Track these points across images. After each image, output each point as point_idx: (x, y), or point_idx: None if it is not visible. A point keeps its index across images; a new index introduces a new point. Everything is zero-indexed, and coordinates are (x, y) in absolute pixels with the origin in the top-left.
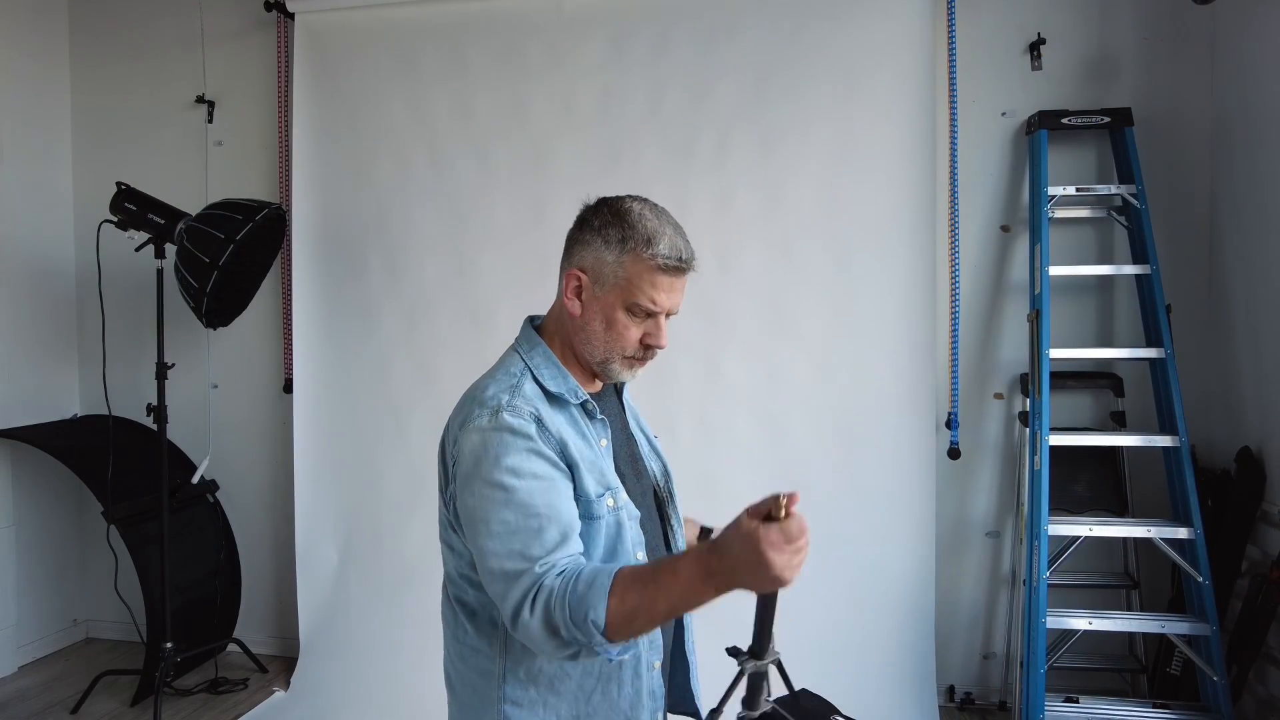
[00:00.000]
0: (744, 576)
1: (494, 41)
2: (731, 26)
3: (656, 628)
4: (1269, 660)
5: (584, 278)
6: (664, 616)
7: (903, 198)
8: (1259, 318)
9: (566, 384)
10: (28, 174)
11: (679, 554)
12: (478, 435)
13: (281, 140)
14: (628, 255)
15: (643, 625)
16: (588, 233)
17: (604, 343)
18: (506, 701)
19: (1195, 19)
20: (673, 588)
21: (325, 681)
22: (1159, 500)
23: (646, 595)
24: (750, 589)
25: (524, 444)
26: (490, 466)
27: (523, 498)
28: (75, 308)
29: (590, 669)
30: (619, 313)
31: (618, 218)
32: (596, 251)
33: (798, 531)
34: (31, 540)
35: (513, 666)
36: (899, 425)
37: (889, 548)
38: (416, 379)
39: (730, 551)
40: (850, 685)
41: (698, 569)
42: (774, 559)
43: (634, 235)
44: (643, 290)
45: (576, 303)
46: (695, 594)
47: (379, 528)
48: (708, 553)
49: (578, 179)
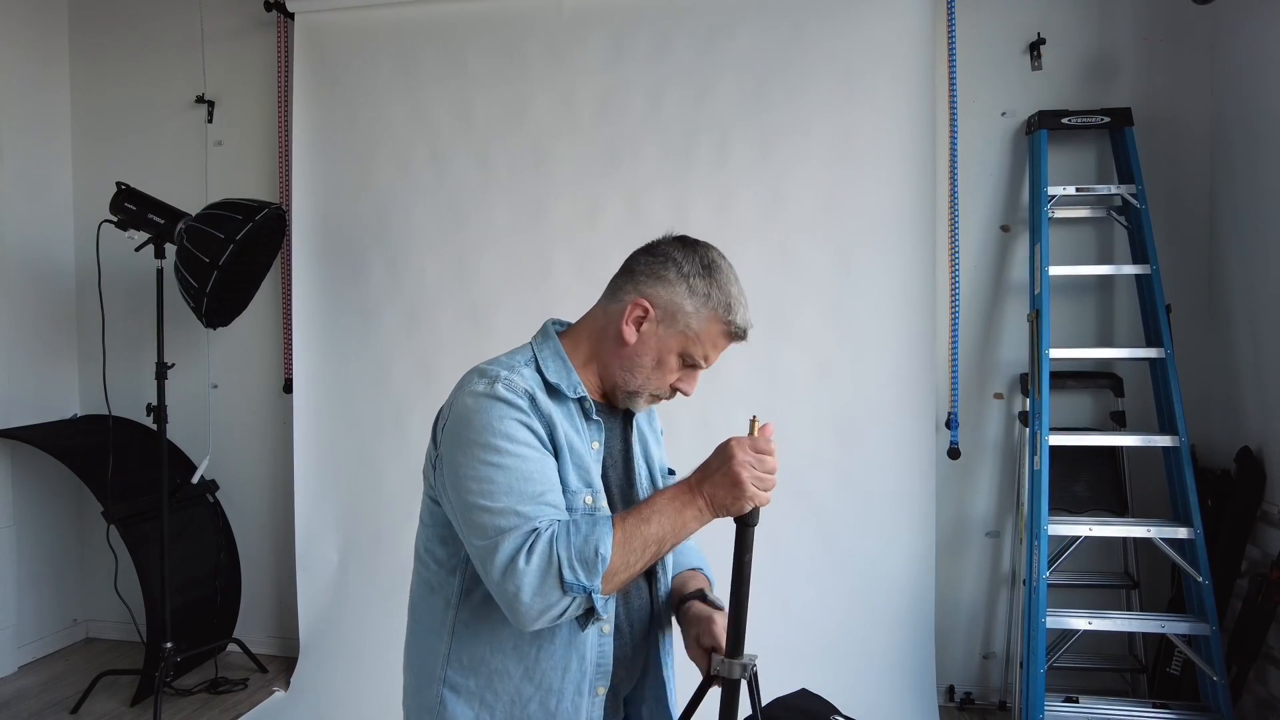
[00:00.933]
0: (720, 490)
1: (494, 41)
2: (731, 26)
3: (645, 567)
4: (1269, 660)
5: (651, 311)
6: (656, 544)
7: (903, 198)
8: (1259, 318)
9: (568, 379)
10: (28, 174)
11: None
12: (472, 399)
13: (281, 140)
14: (706, 311)
15: (637, 558)
16: (672, 271)
17: (646, 378)
18: (446, 685)
19: (1195, 19)
20: (665, 509)
21: (325, 681)
22: (1159, 500)
23: (643, 520)
24: (727, 506)
25: (516, 414)
26: (483, 429)
27: (514, 463)
28: (75, 308)
29: (532, 674)
30: (672, 357)
31: (708, 271)
32: (675, 294)
33: (765, 445)
34: (31, 540)
35: (456, 650)
36: (899, 425)
37: (889, 548)
38: (416, 379)
39: (709, 466)
40: (850, 685)
41: (682, 486)
42: (742, 467)
43: (718, 295)
44: (703, 347)
45: (634, 332)
46: (683, 513)
47: (379, 528)
48: (692, 473)
49: (578, 179)
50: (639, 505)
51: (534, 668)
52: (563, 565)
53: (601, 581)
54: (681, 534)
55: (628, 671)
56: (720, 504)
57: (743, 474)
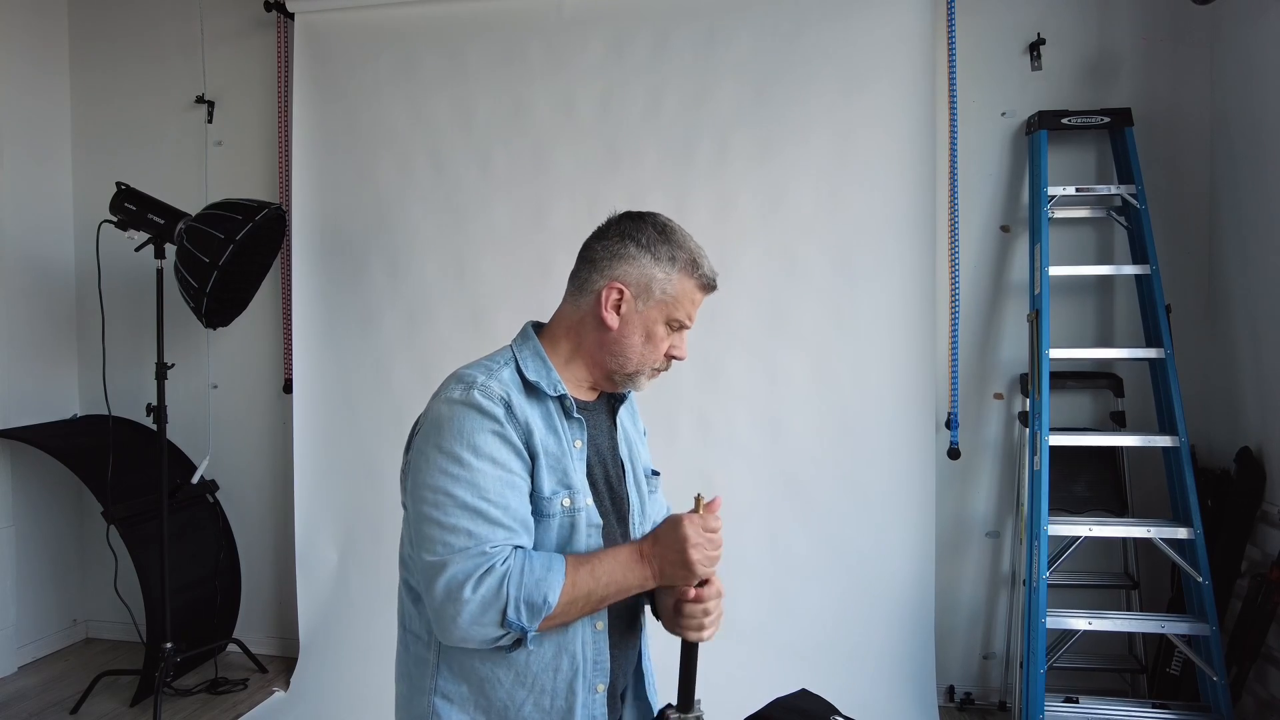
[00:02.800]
0: (670, 567)
1: (493, 42)
2: (731, 28)
3: (582, 616)
4: (1269, 660)
5: (626, 291)
6: (601, 600)
7: (903, 198)
8: (1259, 318)
9: (548, 377)
10: (28, 174)
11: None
12: (446, 406)
13: (281, 140)
14: (677, 273)
15: (578, 610)
16: (631, 247)
17: (640, 355)
18: (438, 694)
19: (1195, 19)
20: (614, 569)
21: (325, 681)
22: (1159, 500)
23: (593, 577)
24: (673, 576)
25: (489, 425)
26: (451, 438)
27: (477, 479)
28: (75, 308)
29: (524, 679)
30: (659, 327)
31: (665, 237)
32: (643, 268)
33: (713, 523)
34: (31, 540)
35: (446, 658)
36: (899, 425)
37: (889, 548)
38: (416, 380)
39: (660, 537)
40: (850, 685)
41: (634, 551)
42: (695, 549)
43: (682, 255)
44: (684, 306)
45: (615, 316)
46: (629, 577)
47: (379, 528)
48: (644, 539)
49: (578, 181)
50: (592, 558)
51: (525, 672)
52: (509, 604)
53: (539, 626)
54: (623, 595)
55: (621, 667)
56: (668, 578)
57: (693, 555)
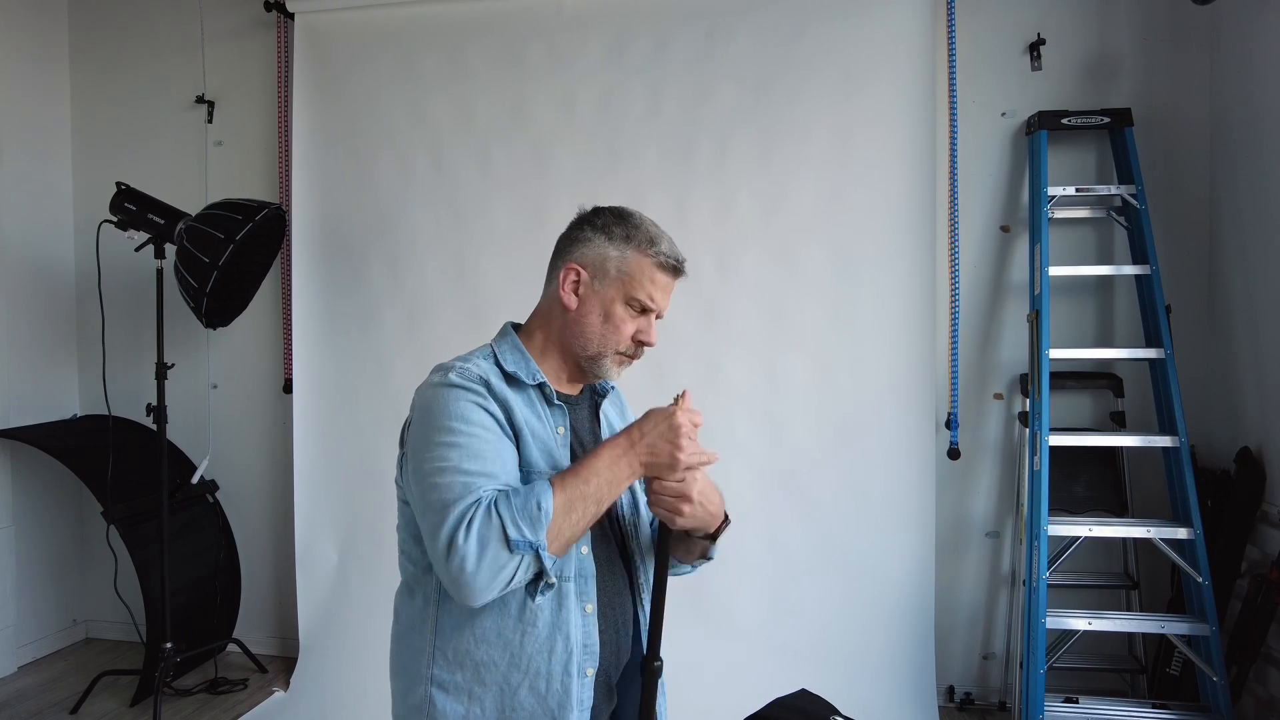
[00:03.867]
0: (658, 441)
1: (494, 42)
2: (731, 28)
3: (587, 526)
4: (1269, 660)
5: (583, 273)
6: (598, 500)
7: (903, 198)
8: (1259, 318)
9: (526, 367)
10: (28, 174)
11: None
12: (430, 391)
13: (281, 140)
14: (631, 251)
15: (579, 517)
16: (588, 231)
17: (600, 336)
18: (434, 684)
19: (1195, 19)
20: (600, 466)
21: (325, 681)
22: (1159, 500)
23: (579, 478)
24: (659, 467)
25: (473, 398)
26: (439, 415)
27: (467, 441)
28: (75, 308)
29: (519, 661)
30: (618, 306)
31: (620, 219)
32: (598, 248)
33: (698, 417)
34: (31, 540)
35: (441, 646)
36: (899, 425)
37: (889, 548)
38: (416, 379)
39: (644, 424)
40: (850, 685)
41: (619, 444)
42: (684, 434)
43: (638, 234)
44: (643, 285)
45: (573, 297)
46: (620, 469)
47: (379, 528)
48: (630, 429)
49: (578, 181)
50: (575, 466)
51: (519, 654)
52: (506, 525)
53: (547, 538)
54: (616, 492)
55: (614, 655)
56: (655, 468)
57: (684, 445)
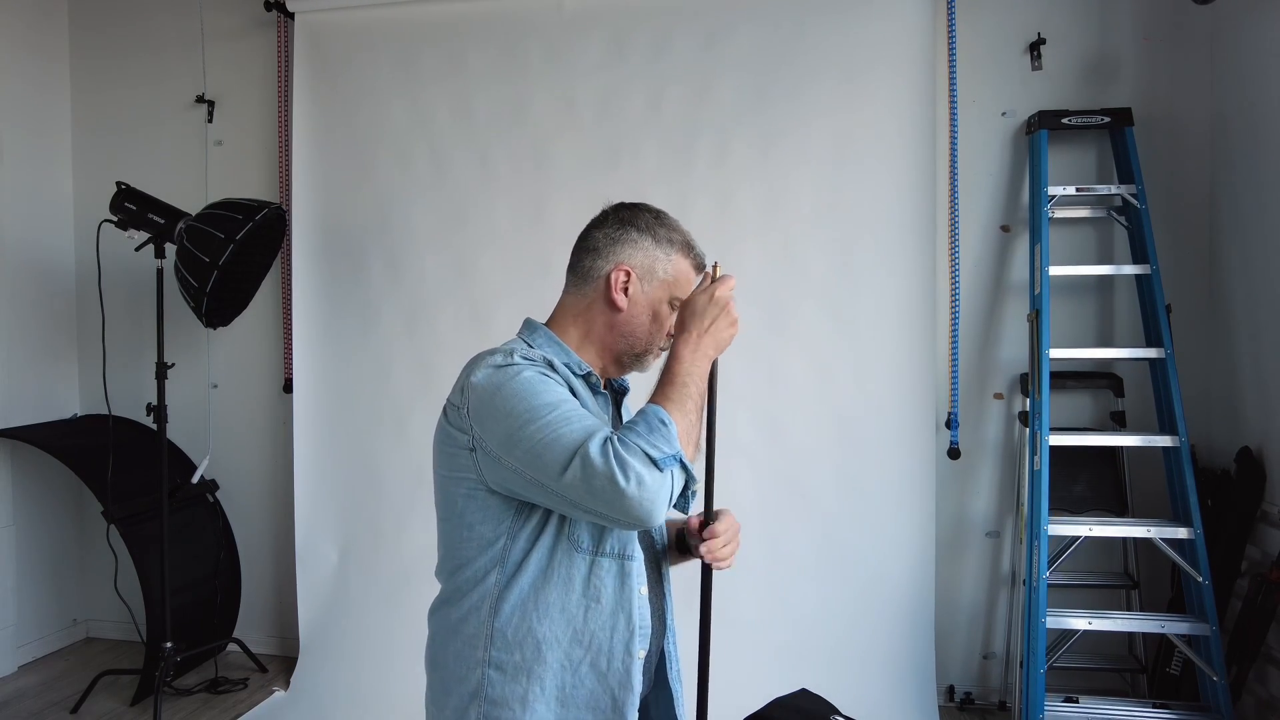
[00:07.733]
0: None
1: (494, 41)
2: (731, 26)
3: (699, 422)
4: (1269, 660)
5: (634, 274)
6: (695, 399)
7: (903, 198)
8: (1259, 318)
9: (570, 358)
10: (28, 174)
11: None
12: (494, 371)
13: (281, 140)
14: (675, 254)
15: (694, 417)
16: (633, 233)
17: (648, 335)
18: (491, 665)
19: (1195, 19)
20: (684, 365)
21: (325, 681)
22: (1159, 500)
23: (676, 384)
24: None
25: (541, 369)
26: (520, 389)
27: (566, 401)
28: (75, 308)
29: (581, 637)
30: (663, 306)
31: (659, 221)
32: (647, 251)
33: (731, 280)
34: (31, 540)
35: (501, 626)
36: (899, 425)
37: (889, 548)
38: (416, 379)
39: (700, 315)
40: (850, 685)
41: (687, 343)
42: (731, 302)
43: (677, 237)
44: (684, 287)
45: (624, 297)
46: (701, 364)
47: (379, 528)
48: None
49: (578, 179)
50: (662, 377)
51: (582, 629)
52: (645, 448)
53: (681, 446)
54: (705, 381)
55: (657, 635)
56: (722, 340)
57: (723, 294)
